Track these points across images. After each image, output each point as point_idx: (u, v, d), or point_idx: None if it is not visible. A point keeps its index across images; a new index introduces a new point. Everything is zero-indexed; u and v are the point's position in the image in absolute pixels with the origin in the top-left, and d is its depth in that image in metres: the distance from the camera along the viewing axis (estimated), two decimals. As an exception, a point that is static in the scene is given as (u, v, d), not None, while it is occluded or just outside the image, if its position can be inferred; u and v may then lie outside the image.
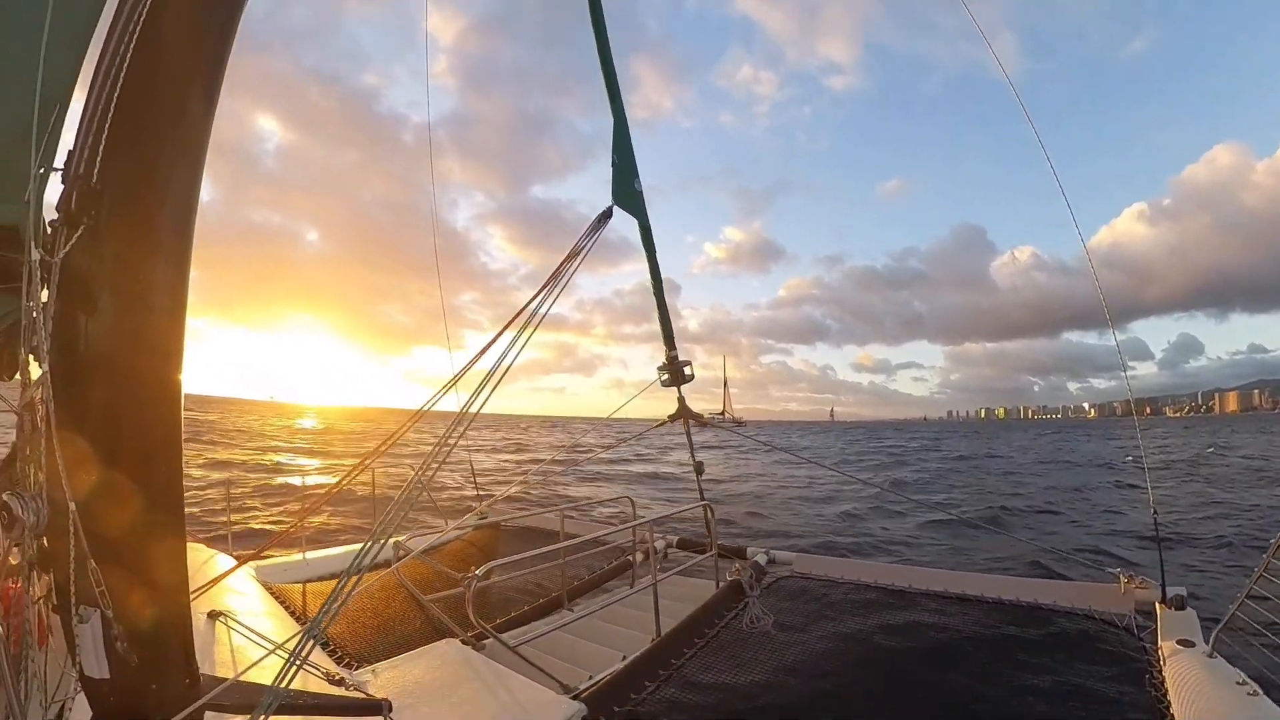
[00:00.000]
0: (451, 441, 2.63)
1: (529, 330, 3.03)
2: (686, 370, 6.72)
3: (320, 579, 6.20)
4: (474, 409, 2.81)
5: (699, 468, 7.56)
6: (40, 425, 1.92)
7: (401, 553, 5.66)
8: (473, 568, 4.41)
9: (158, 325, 2.14)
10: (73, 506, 1.87)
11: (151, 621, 2.10)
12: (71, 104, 2.22)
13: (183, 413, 2.20)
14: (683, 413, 6.91)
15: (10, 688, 1.99)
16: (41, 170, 2.07)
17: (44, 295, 1.97)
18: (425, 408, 3.35)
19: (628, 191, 4.28)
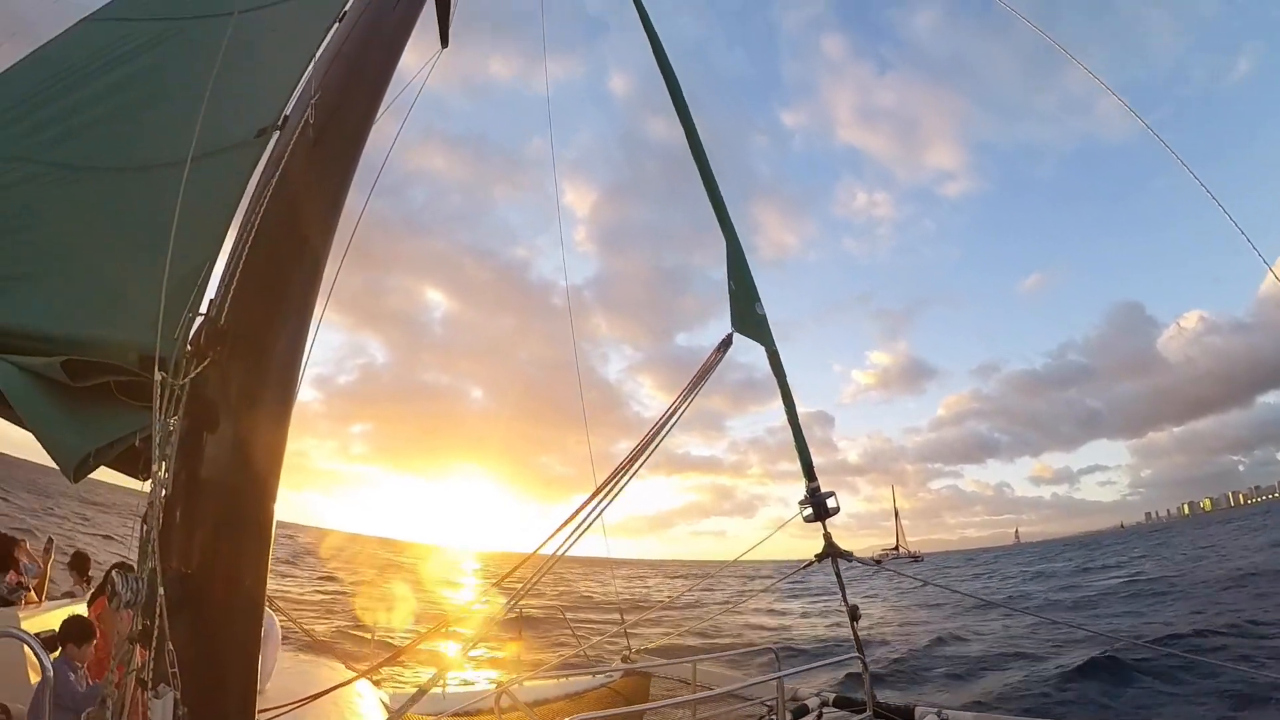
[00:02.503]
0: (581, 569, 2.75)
1: (646, 454, 3.03)
2: (830, 503, 6.27)
3: (455, 715, 6.05)
4: (583, 522, 2.90)
5: (853, 612, 6.88)
6: (154, 521, 2.32)
7: (538, 699, 5.44)
8: None
9: (262, 449, 2.57)
10: (161, 592, 2.19)
11: (216, 716, 2.34)
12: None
13: (274, 532, 2.56)
14: (830, 551, 6.40)
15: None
16: (190, 314, 2.64)
17: (174, 414, 2.45)
18: (560, 553, 3.20)
19: (749, 317, 4.05)
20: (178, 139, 2.96)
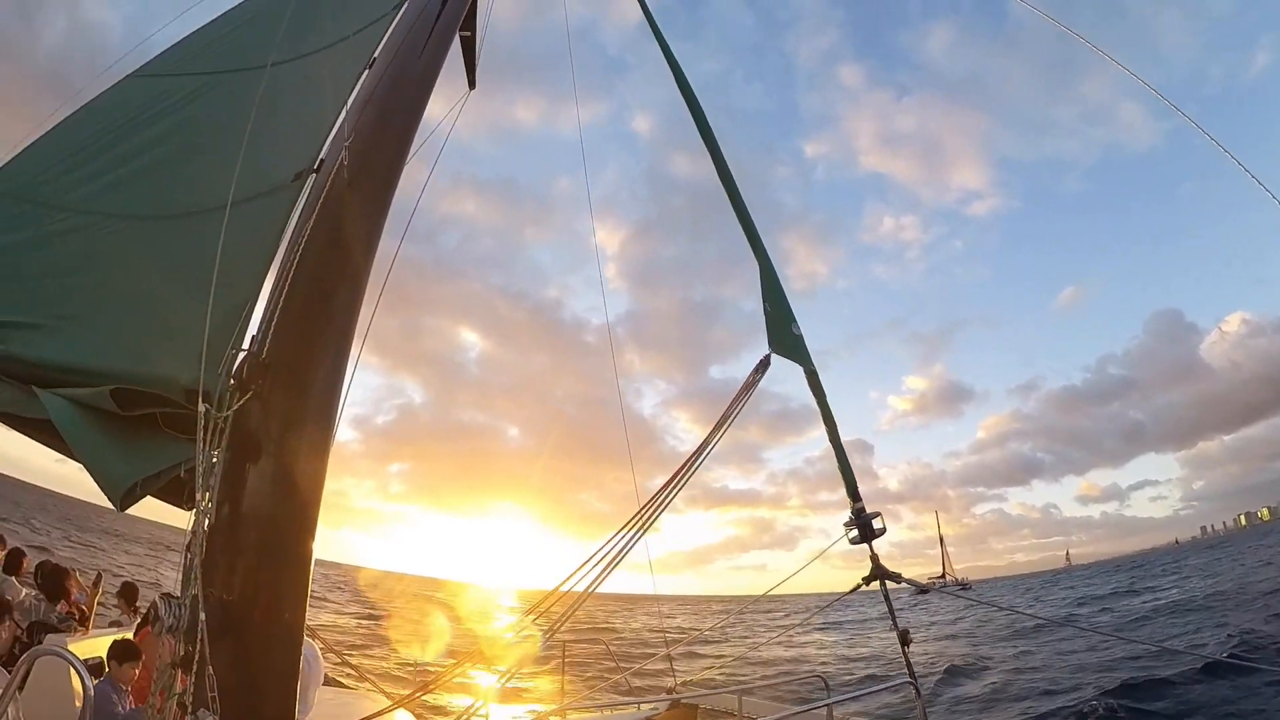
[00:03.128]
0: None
1: (684, 479, 2.95)
2: (876, 523, 5.99)
3: None
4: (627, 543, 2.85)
5: (904, 637, 6.61)
6: (198, 549, 2.41)
7: None
8: None
9: (302, 480, 2.66)
10: (203, 617, 2.27)
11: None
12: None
13: (314, 562, 2.63)
14: (878, 572, 6.13)
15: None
16: (233, 350, 2.75)
17: (217, 446, 2.55)
18: (595, 584, 3.04)
19: (786, 337, 3.97)
20: (219, 185, 3.13)
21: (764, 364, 3.58)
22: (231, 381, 2.59)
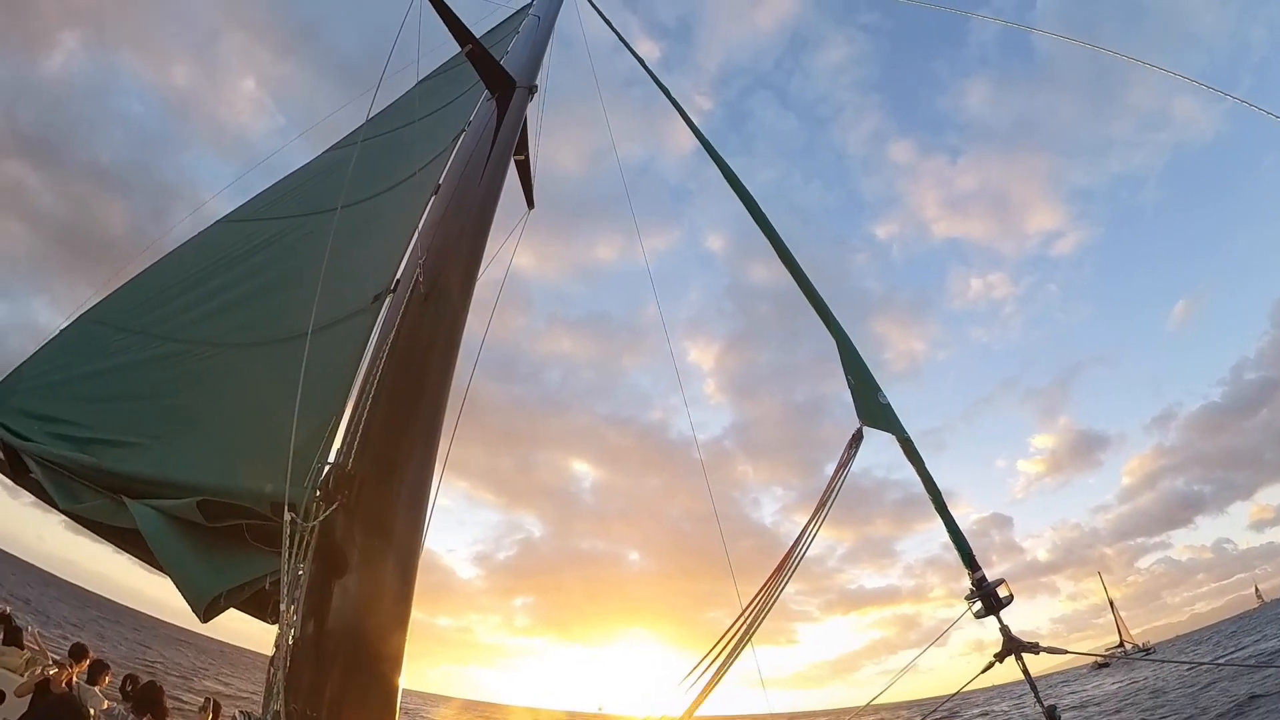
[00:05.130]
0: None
1: (792, 567, 2.74)
2: (1001, 591, 5.50)
3: None
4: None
5: (1050, 713, 5.94)
6: (281, 664, 2.41)
7: None
8: None
9: (390, 592, 2.65)
10: (287, 735, 2.25)
11: None
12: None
13: (402, 680, 2.59)
14: (1011, 646, 5.59)
15: None
16: (318, 463, 2.86)
17: (303, 559, 2.60)
18: (696, 705, 2.76)
19: (874, 407, 3.78)
20: (303, 314, 3.36)
21: (856, 439, 3.40)
22: (317, 493, 2.67)
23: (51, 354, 4.21)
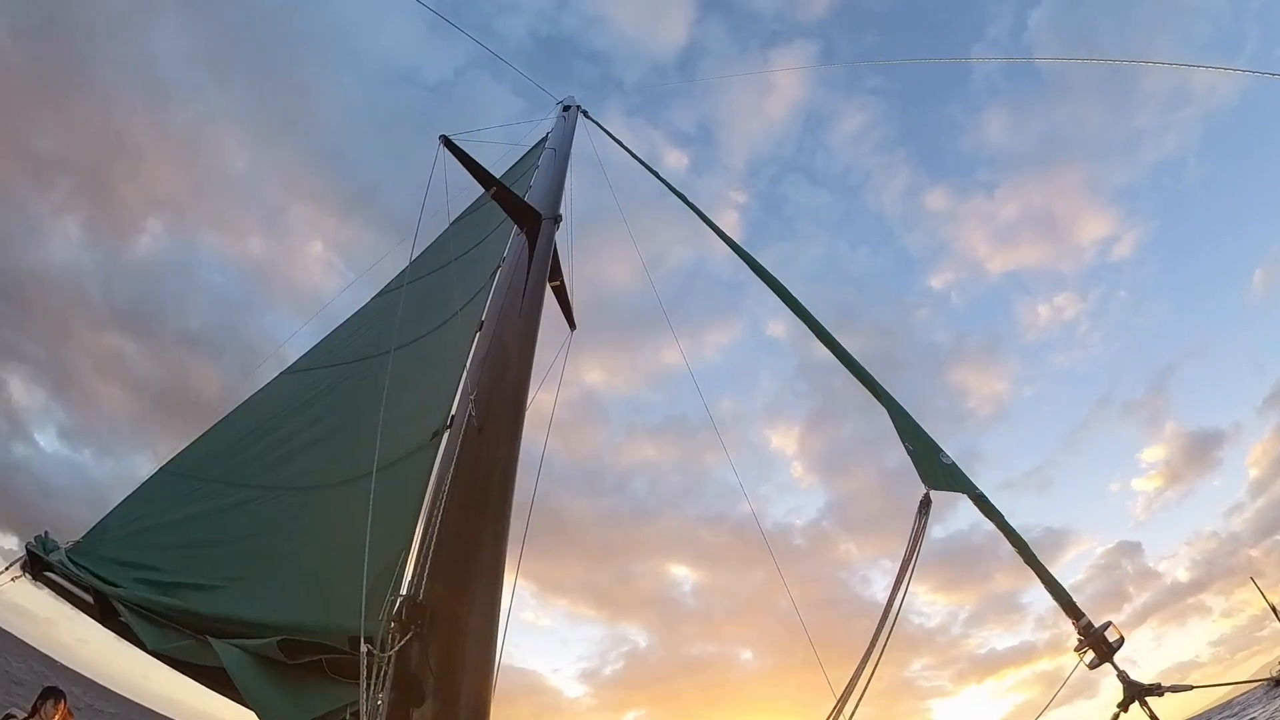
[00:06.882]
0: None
1: (882, 643, 2.72)
2: (1110, 635, 5.05)
3: None
4: None
5: None
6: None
7: None
8: None
9: (466, 712, 2.76)
10: None
11: None
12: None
13: None
14: (1134, 692, 5.07)
15: None
16: (391, 596, 3.06)
17: (381, 689, 2.76)
18: None
19: (938, 469, 3.78)
20: (365, 454, 3.64)
21: (925, 504, 3.32)
22: (392, 625, 2.86)
23: (135, 505, 4.53)
